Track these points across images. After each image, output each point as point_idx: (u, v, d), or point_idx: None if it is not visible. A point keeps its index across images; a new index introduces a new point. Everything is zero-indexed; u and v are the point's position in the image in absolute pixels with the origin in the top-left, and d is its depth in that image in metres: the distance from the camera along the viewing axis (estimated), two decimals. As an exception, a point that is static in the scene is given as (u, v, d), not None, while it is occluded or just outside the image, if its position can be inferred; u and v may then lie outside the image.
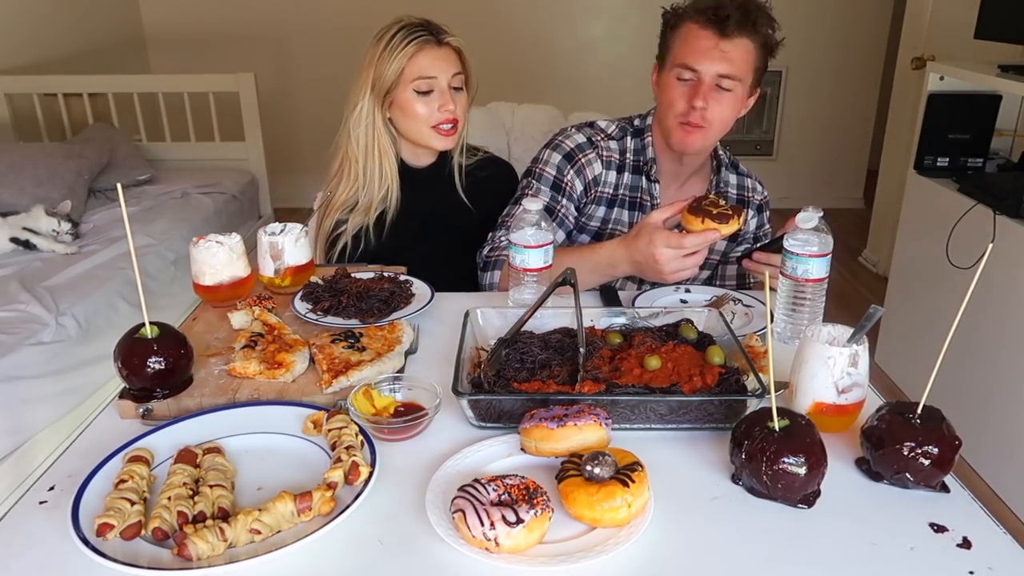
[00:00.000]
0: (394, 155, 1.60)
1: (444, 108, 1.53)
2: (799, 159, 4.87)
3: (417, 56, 1.51)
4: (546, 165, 1.55)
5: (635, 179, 1.56)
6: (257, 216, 3.69)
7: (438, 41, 1.52)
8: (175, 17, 4.49)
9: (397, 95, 1.54)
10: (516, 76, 4.51)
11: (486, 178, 1.68)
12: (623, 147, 1.56)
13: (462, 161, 1.67)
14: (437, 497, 0.83)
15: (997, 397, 2.22)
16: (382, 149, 1.58)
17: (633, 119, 1.59)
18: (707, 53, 1.37)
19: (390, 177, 1.59)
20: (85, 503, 0.81)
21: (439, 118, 1.54)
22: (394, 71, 1.51)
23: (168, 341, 1.02)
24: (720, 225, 1.24)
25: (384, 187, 1.59)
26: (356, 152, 1.58)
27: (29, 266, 2.44)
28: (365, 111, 1.55)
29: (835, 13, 4.52)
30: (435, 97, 1.53)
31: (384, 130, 1.57)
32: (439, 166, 1.66)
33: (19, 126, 3.37)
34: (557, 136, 1.59)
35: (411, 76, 1.51)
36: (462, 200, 1.65)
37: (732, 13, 1.35)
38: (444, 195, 1.66)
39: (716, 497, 0.87)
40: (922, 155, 2.61)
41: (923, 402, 0.87)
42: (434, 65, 1.51)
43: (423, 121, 1.54)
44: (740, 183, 1.62)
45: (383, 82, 1.53)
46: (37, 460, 1.95)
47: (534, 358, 1.07)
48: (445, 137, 1.56)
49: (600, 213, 1.58)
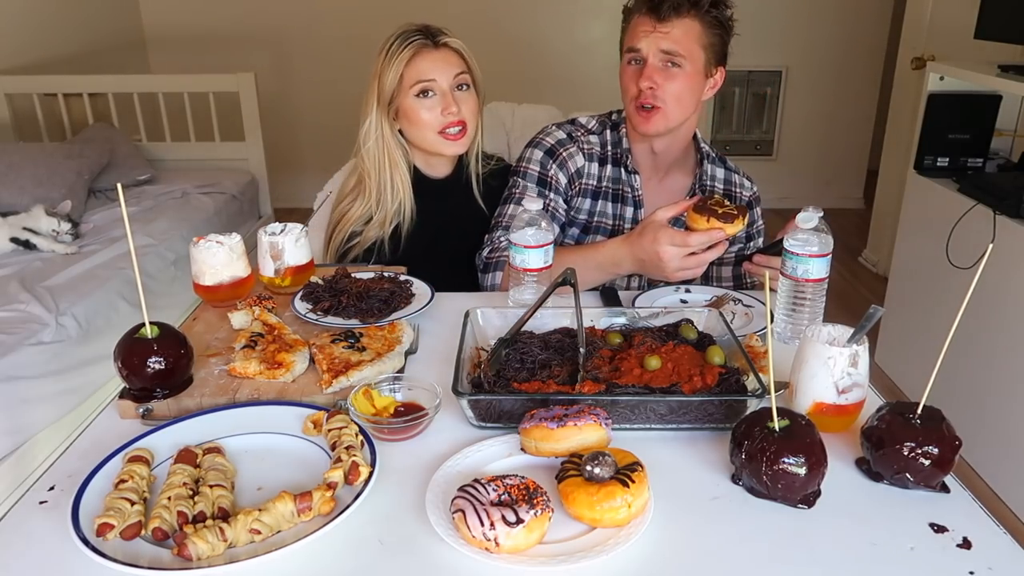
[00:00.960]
0: (406, 167, 1.57)
1: (447, 111, 1.50)
2: (799, 159, 4.87)
3: (414, 60, 1.49)
4: (529, 163, 1.57)
5: (615, 171, 1.58)
6: (257, 216, 3.69)
7: (435, 43, 1.51)
8: (175, 17, 4.49)
9: (401, 103, 1.52)
10: (516, 76, 4.51)
11: (499, 185, 1.66)
12: (603, 140, 1.59)
13: (479, 171, 1.64)
14: (437, 497, 0.83)
15: (997, 397, 2.22)
16: (393, 161, 1.55)
17: (612, 113, 1.62)
18: (647, 34, 1.43)
19: (402, 190, 1.56)
20: (85, 503, 0.81)
21: (444, 121, 1.51)
22: (394, 78, 1.50)
23: (168, 341, 1.02)
24: (725, 225, 1.23)
25: (397, 200, 1.56)
26: (369, 167, 1.56)
27: (29, 266, 2.44)
28: (374, 124, 1.54)
29: (835, 13, 4.52)
30: (437, 100, 1.50)
31: (394, 142, 1.55)
32: (456, 176, 1.64)
33: (19, 126, 3.37)
34: (538, 135, 1.60)
35: (410, 81, 1.49)
36: (479, 207, 1.63)
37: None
38: (460, 203, 1.64)
39: (716, 497, 0.87)
40: (922, 155, 2.61)
41: (923, 402, 0.87)
42: (432, 67, 1.50)
43: (429, 127, 1.51)
44: (727, 178, 1.62)
45: (386, 91, 1.51)
46: (37, 460, 1.95)
47: (534, 358, 1.07)
48: (454, 141, 1.53)
49: (586, 206, 1.59)
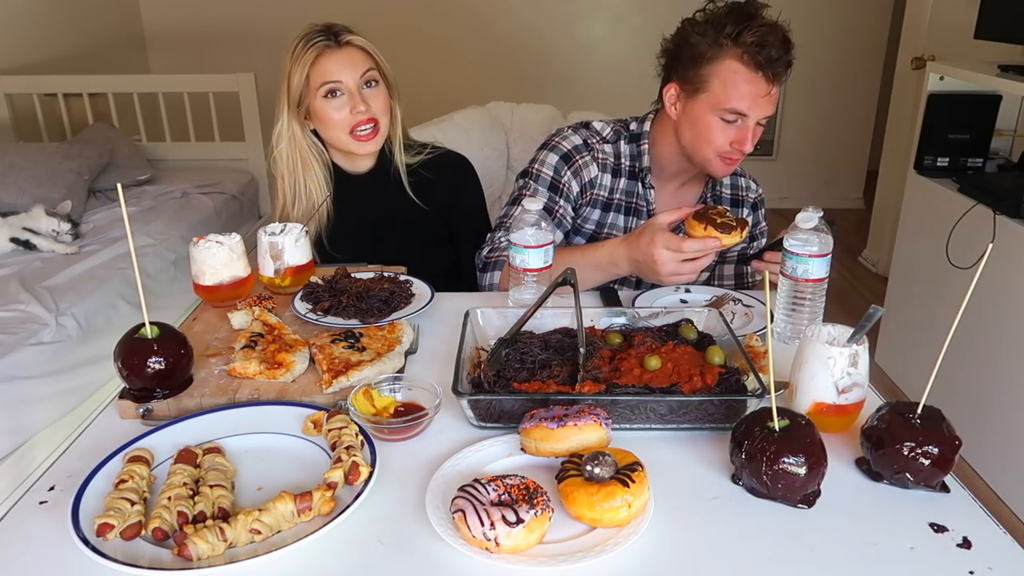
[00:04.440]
0: (321, 167, 1.58)
1: (355, 110, 1.50)
2: (799, 159, 4.87)
3: (318, 61, 1.49)
4: (543, 166, 1.55)
5: (631, 184, 1.56)
6: (257, 216, 3.68)
7: (338, 43, 1.50)
8: (175, 17, 4.48)
9: (310, 104, 1.52)
10: (515, 76, 4.51)
11: (436, 175, 1.63)
12: (617, 151, 1.56)
13: (405, 159, 1.62)
14: (437, 497, 0.83)
15: (997, 397, 2.22)
16: (305, 163, 1.56)
17: (628, 122, 1.58)
18: (758, 101, 1.33)
19: (315, 192, 1.57)
20: (85, 503, 0.81)
21: (353, 121, 1.50)
22: (300, 80, 1.50)
23: (168, 341, 1.02)
24: (721, 235, 1.24)
25: (310, 201, 1.57)
26: (282, 168, 1.57)
27: (29, 266, 2.44)
28: (285, 126, 1.55)
29: (835, 13, 4.52)
30: (345, 100, 1.50)
31: (306, 143, 1.56)
32: (381, 169, 1.63)
33: (19, 126, 3.37)
34: (553, 137, 1.58)
35: (316, 83, 1.49)
36: (411, 202, 1.62)
37: (777, 54, 1.29)
38: (391, 199, 1.62)
39: (716, 497, 0.87)
40: (922, 155, 2.61)
41: (923, 402, 0.87)
42: (337, 68, 1.49)
43: (339, 127, 1.51)
44: (734, 182, 1.62)
45: (294, 93, 1.52)
46: (37, 460, 1.95)
47: (534, 358, 1.07)
48: (365, 141, 1.53)
49: (595, 216, 1.57)
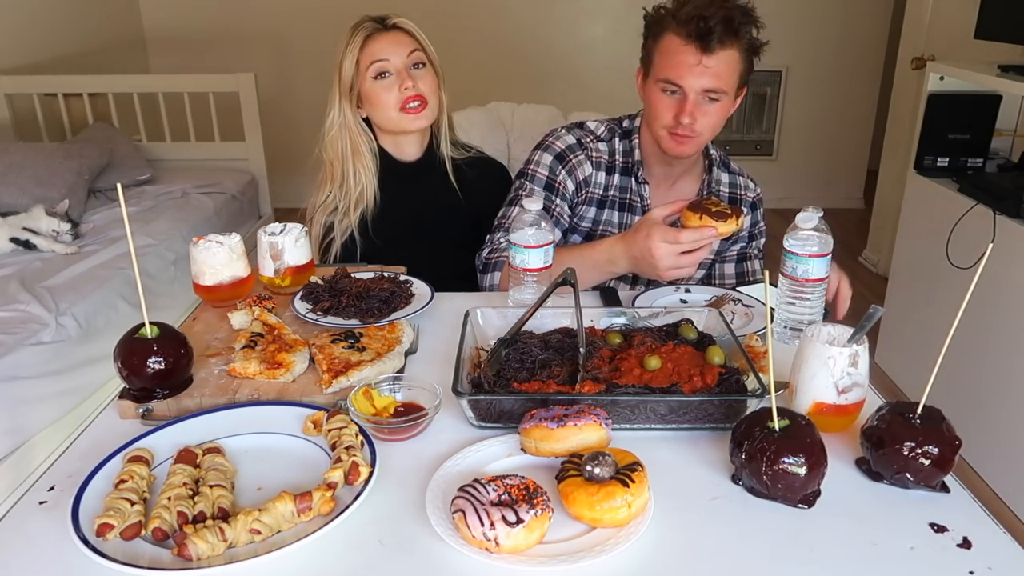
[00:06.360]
0: (370, 153, 1.63)
1: (404, 87, 1.55)
2: (799, 159, 4.87)
3: (367, 44, 1.56)
4: (538, 166, 1.56)
5: (624, 180, 1.56)
6: (257, 216, 3.69)
7: (385, 26, 1.58)
8: (175, 17, 4.48)
9: (362, 88, 1.58)
10: (516, 76, 4.51)
11: (476, 177, 1.69)
12: (611, 148, 1.56)
13: (451, 154, 1.68)
14: (437, 497, 0.83)
15: (997, 397, 2.22)
16: (355, 148, 1.61)
17: (622, 120, 1.59)
18: (691, 70, 1.33)
19: (364, 177, 1.62)
20: (85, 503, 0.81)
21: (402, 97, 1.56)
22: (351, 64, 1.57)
23: (168, 341, 1.02)
24: (717, 223, 1.23)
25: (359, 187, 1.62)
26: (332, 155, 1.62)
27: (29, 266, 2.44)
28: (336, 112, 1.60)
29: (835, 13, 4.52)
30: (394, 80, 1.56)
31: (357, 129, 1.61)
32: (427, 159, 1.67)
33: (19, 126, 3.37)
34: (547, 137, 1.59)
35: (366, 64, 1.56)
36: (453, 196, 1.66)
37: (715, 26, 1.29)
38: (435, 190, 1.67)
39: (716, 497, 0.87)
40: (922, 155, 2.61)
41: (923, 402, 0.87)
42: (385, 48, 1.56)
43: (390, 106, 1.57)
44: (732, 181, 1.62)
45: (346, 79, 1.58)
46: (37, 460, 1.95)
47: (534, 358, 1.07)
48: (416, 115, 1.58)
49: (591, 214, 1.58)
